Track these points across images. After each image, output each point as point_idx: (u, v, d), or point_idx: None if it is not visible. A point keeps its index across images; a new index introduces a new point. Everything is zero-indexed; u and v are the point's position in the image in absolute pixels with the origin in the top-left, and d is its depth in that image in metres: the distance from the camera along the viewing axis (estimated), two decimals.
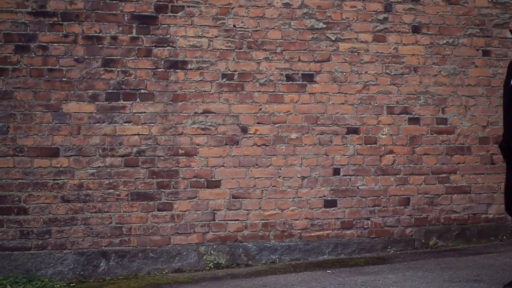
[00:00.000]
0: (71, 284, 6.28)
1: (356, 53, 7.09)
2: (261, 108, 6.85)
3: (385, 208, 7.12)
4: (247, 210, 6.81)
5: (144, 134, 6.59)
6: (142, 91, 6.60)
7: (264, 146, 6.85)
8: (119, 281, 6.33)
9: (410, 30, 7.22)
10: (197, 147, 6.71)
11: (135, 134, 6.57)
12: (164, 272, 6.59)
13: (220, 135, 6.76)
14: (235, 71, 6.81)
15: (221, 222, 6.75)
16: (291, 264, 6.75)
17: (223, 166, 6.75)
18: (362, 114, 7.09)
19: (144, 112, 6.60)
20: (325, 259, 6.91)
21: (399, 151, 7.17)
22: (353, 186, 7.05)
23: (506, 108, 5.30)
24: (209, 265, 6.67)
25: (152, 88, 6.62)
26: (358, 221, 7.07)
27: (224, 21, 6.79)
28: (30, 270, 6.31)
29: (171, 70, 6.66)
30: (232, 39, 6.81)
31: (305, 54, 6.97)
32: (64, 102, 6.44)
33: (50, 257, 6.37)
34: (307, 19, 6.99)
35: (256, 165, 6.84)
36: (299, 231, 6.92)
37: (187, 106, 6.69)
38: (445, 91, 7.25)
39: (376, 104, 7.13)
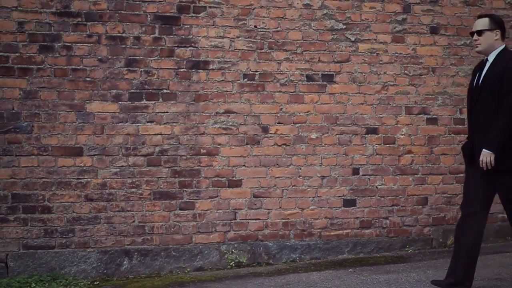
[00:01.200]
0: (95, 282, 6.33)
1: (375, 54, 7.15)
2: (281, 108, 6.91)
3: (404, 208, 7.18)
4: (268, 209, 6.86)
5: (166, 134, 6.64)
6: (165, 91, 6.66)
7: (284, 146, 6.90)
8: (142, 279, 6.38)
9: (428, 31, 7.28)
10: (218, 146, 6.76)
11: (157, 134, 6.62)
12: (186, 271, 6.64)
13: (241, 134, 6.81)
14: (256, 71, 6.87)
15: (242, 221, 6.81)
16: (312, 263, 6.80)
17: (244, 165, 6.81)
18: (381, 114, 7.15)
19: (167, 112, 6.65)
20: (344, 258, 6.97)
21: (417, 151, 7.23)
22: (372, 186, 7.11)
23: (469, 111, 5.31)
24: (230, 263, 6.73)
25: (174, 88, 6.67)
26: (377, 220, 7.13)
27: (245, 22, 6.85)
28: (54, 269, 6.36)
29: (193, 70, 6.71)
30: (253, 40, 6.87)
31: (325, 55, 7.03)
32: (87, 101, 6.49)
33: (74, 255, 6.42)
34: (327, 20, 7.04)
35: (277, 164, 6.90)
36: (318, 230, 6.98)
37: (209, 106, 6.74)
38: (462, 91, 7.31)
39: (394, 105, 7.19)
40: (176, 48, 6.68)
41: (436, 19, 7.31)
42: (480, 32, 5.23)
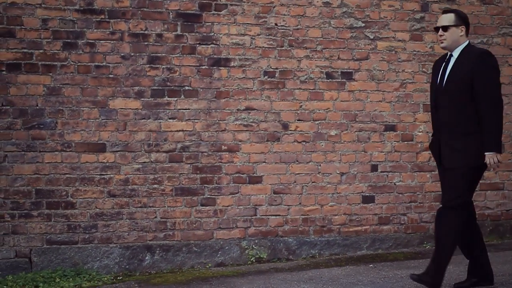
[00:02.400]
0: (118, 277, 6.39)
1: (393, 52, 7.21)
2: (301, 105, 6.97)
3: (421, 204, 7.25)
4: (288, 205, 6.92)
5: (188, 130, 6.70)
6: (186, 88, 6.71)
7: (304, 143, 6.96)
8: (164, 274, 6.44)
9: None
10: (239, 143, 6.82)
11: (179, 130, 6.68)
12: (207, 266, 6.70)
13: (262, 131, 6.87)
14: (276, 68, 6.92)
15: (262, 217, 6.87)
16: (331, 259, 6.87)
17: (264, 162, 6.87)
18: (399, 112, 7.21)
19: (188, 109, 6.71)
20: (363, 254, 7.03)
21: None
22: (390, 183, 7.18)
23: (434, 107, 5.26)
24: (251, 259, 6.79)
25: (196, 85, 6.73)
26: (395, 216, 7.19)
27: (266, 20, 6.91)
28: (77, 264, 6.42)
29: (215, 67, 6.77)
30: (274, 37, 6.93)
31: (344, 52, 7.09)
32: (110, 98, 6.54)
33: (97, 251, 6.48)
34: (346, 18, 7.10)
35: (297, 161, 6.96)
36: (338, 226, 7.04)
37: (230, 103, 6.80)
38: None
39: (412, 102, 7.25)
40: (197, 45, 6.74)
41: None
42: (445, 28, 5.16)
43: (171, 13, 6.68)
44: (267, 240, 6.87)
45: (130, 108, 6.58)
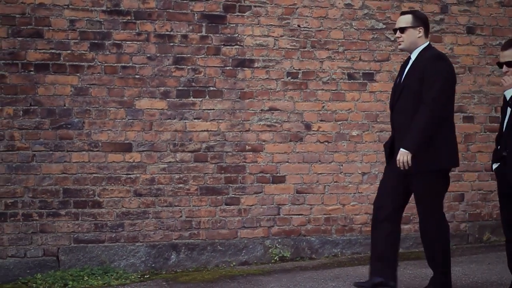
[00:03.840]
0: (145, 276, 6.46)
1: None
2: (324, 106, 7.05)
3: None
4: (310, 205, 7.01)
5: (213, 131, 6.78)
6: (211, 88, 6.79)
7: (326, 143, 7.05)
8: (191, 273, 6.51)
9: (465, 31, 7.45)
10: (263, 143, 6.90)
11: (204, 130, 6.76)
12: (232, 265, 6.77)
13: (285, 131, 6.95)
14: (299, 69, 7.01)
15: (285, 216, 6.95)
16: (354, 258, 6.95)
17: (287, 162, 6.95)
18: None
19: (213, 109, 6.78)
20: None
21: None
22: None
23: (391, 108, 5.22)
24: (275, 258, 6.87)
25: (220, 85, 6.81)
26: (415, 216, 7.25)
27: (289, 21, 6.99)
28: (104, 262, 6.48)
29: (239, 68, 6.85)
30: (297, 39, 7.01)
31: (366, 54, 7.18)
32: (137, 98, 6.62)
33: (123, 249, 6.54)
34: (367, 20, 7.19)
35: (319, 161, 7.04)
36: (359, 225, 7.13)
37: (254, 104, 6.88)
38: (498, 90, 7.46)
39: None
40: (222, 46, 6.81)
41: (472, 20, 7.47)
42: (402, 29, 5.10)
43: (196, 15, 6.76)
44: (290, 239, 6.95)
45: (156, 108, 6.65)
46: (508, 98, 4.88)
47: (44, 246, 6.38)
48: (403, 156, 4.91)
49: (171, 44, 6.70)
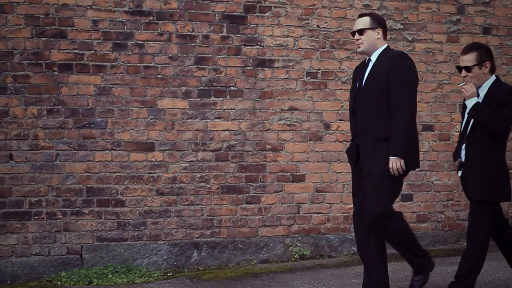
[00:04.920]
0: (168, 274, 6.52)
1: (431, 53, 7.38)
2: (342, 105, 7.12)
3: (458, 202, 7.41)
4: (330, 203, 7.08)
5: (233, 130, 6.84)
6: (232, 88, 6.86)
7: (345, 142, 7.10)
8: (213, 271, 6.57)
9: (481, 31, 7.53)
10: (283, 142, 6.97)
11: (225, 130, 6.82)
12: (252, 263, 6.84)
13: (305, 131, 7.02)
14: (318, 69, 7.08)
15: (305, 215, 7.01)
16: None
17: (307, 161, 7.01)
18: (436, 112, 7.38)
19: (234, 109, 6.85)
20: None
21: None
22: (428, 181, 7.34)
23: (352, 112, 5.10)
24: (295, 256, 6.93)
25: (241, 85, 6.88)
26: (433, 214, 7.36)
27: (308, 21, 7.06)
28: (126, 260, 6.54)
29: (259, 68, 6.92)
30: (316, 39, 7.08)
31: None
32: (159, 98, 6.68)
33: (146, 247, 6.60)
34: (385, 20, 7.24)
35: (338, 160, 7.11)
36: None
37: (274, 103, 6.95)
38: None
39: (449, 102, 7.42)
40: (243, 46, 6.88)
41: (488, 20, 7.54)
42: (361, 31, 5.01)
43: (217, 15, 6.83)
44: (310, 237, 7.02)
45: (177, 108, 6.71)
46: (469, 108, 4.88)
47: (68, 244, 6.44)
48: (395, 163, 4.81)
49: (193, 44, 6.76)
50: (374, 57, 5.01)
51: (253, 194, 6.88)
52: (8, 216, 6.30)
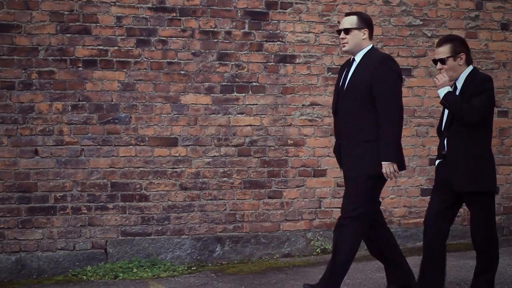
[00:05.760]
0: (192, 268, 6.57)
1: None
2: None
3: None
4: None
5: (256, 125, 6.89)
6: (254, 83, 6.91)
7: None
8: (237, 265, 6.62)
9: (499, 27, 7.57)
10: (304, 137, 7.02)
11: (247, 125, 6.87)
12: (275, 257, 6.89)
13: (326, 126, 7.07)
14: (339, 65, 7.07)
15: (326, 209, 7.06)
16: None
17: (328, 156, 7.06)
18: None
19: (256, 104, 6.90)
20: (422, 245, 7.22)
21: None
22: None
23: (335, 112, 5.05)
24: (316, 250, 6.99)
25: (263, 81, 6.93)
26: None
27: (329, 18, 7.11)
28: (150, 255, 6.59)
29: (281, 64, 6.97)
30: (337, 35, 7.10)
31: (403, 50, 7.30)
32: (182, 94, 6.73)
33: (169, 242, 6.66)
34: (405, 16, 7.32)
35: None
36: (398, 218, 7.25)
37: (295, 99, 7.00)
38: None
39: None
40: (264, 42, 6.93)
41: (506, 16, 7.59)
42: (347, 31, 4.94)
43: (239, 11, 6.87)
44: (331, 232, 7.02)
45: (200, 104, 6.77)
46: (441, 97, 4.82)
47: (93, 239, 6.49)
48: (388, 168, 4.78)
49: (215, 40, 6.81)
50: (358, 58, 4.96)
51: (275, 189, 6.93)
52: (34, 211, 6.36)
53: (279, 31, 6.97)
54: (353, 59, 5.00)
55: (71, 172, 6.45)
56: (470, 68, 4.94)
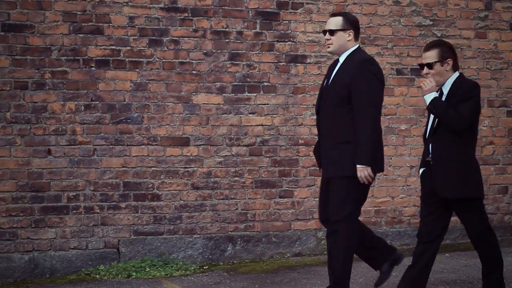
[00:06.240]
0: (204, 267, 6.61)
1: (459, 49, 7.42)
2: None
3: (486, 197, 7.39)
4: None
5: (267, 125, 6.93)
6: (265, 83, 6.94)
7: None
8: (248, 264, 6.65)
9: (508, 27, 7.61)
10: (315, 137, 6.97)
11: (258, 125, 6.91)
12: (286, 256, 6.93)
13: None
14: None
15: None
16: (404, 249, 7.05)
17: None
18: None
19: (267, 104, 6.93)
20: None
21: (499, 142, 7.55)
22: None
23: (317, 112, 5.02)
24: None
25: (274, 81, 6.96)
26: None
27: None
28: (162, 254, 6.62)
29: (292, 64, 7.00)
30: None
31: (413, 50, 7.33)
32: (194, 93, 6.76)
33: (181, 241, 6.69)
34: (415, 16, 7.35)
35: None
36: (408, 217, 7.29)
37: (306, 98, 7.03)
38: None
39: None
40: (276, 42, 6.96)
41: None
42: (332, 32, 4.89)
43: (250, 11, 6.90)
44: None
45: (212, 103, 6.80)
46: (428, 103, 4.80)
47: (105, 238, 6.52)
48: (362, 172, 4.72)
49: (227, 40, 6.84)
50: (342, 58, 4.93)
51: (286, 188, 6.96)
52: (47, 210, 6.38)
53: (290, 31, 7.00)
54: (338, 60, 4.98)
55: (83, 171, 6.48)
56: (457, 74, 4.91)
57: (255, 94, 6.91)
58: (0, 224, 6.27)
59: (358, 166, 4.73)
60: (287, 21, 6.99)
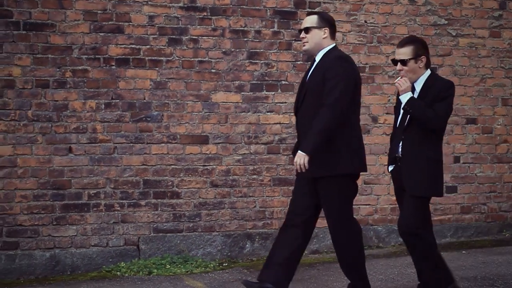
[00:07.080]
0: (223, 264, 6.66)
1: (474, 48, 7.52)
2: (389, 99, 7.26)
3: (500, 194, 7.56)
4: (377, 195, 7.23)
5: (285, 123, 6.98)
6: (283, 82, 7.00)
7: None
8: None
9: None
10: None
11: (276, 123, 6.96)
12: (304, 254, 6.94)
13: None
14: (366, 64, 7.21)
15: (353, 206, 7.11)
16: None
17: None
18: (479, 105, 7.53)
19: (285, 102, 6.99)
20: (447, 241, 7.34)
21: None
22: (472, 173, 7.49)
23: (295, 111, 4.97)
24: None
25: (292, 79, 7.01)
26: (476, 206, 7.51)
27: (356, 17, 7.20)
28: (182, 251, 6.68)
29: (309, 62, 7.01)
30: (364, 34, 7.22)
31: (429, 49, 7.34)
32: (212, 92, 6.81)
33: (200, 239, 6.74)
34: (430, 16, 7.41)
35: (385, 152, 7.20)
36: None
37: None
38: None
39: (492, 96, 7.57)
40: (293, 41, 7.02)
41: None
42: (307, 30, 4.87)
43: (268, 11, 6.96)
44: None
45: (231, 102, 6.85)
46: (404, 103, 4.78)
47: (125, 235, 6.57)
48: (300, 158, 4.64)
49: (245, 39, 6.89)
50: (318, 57, 4.89)
51: None
52: (68, 208, 6.43)
53: None
54: (314, 59, 4.95)
55: (104, 169, 6.52)
56: (429, 72, 4.90)
57: (273, 93, 6.96)
58: (22, 222, 6.32)
59: (299, 151, 4.68)
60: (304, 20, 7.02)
